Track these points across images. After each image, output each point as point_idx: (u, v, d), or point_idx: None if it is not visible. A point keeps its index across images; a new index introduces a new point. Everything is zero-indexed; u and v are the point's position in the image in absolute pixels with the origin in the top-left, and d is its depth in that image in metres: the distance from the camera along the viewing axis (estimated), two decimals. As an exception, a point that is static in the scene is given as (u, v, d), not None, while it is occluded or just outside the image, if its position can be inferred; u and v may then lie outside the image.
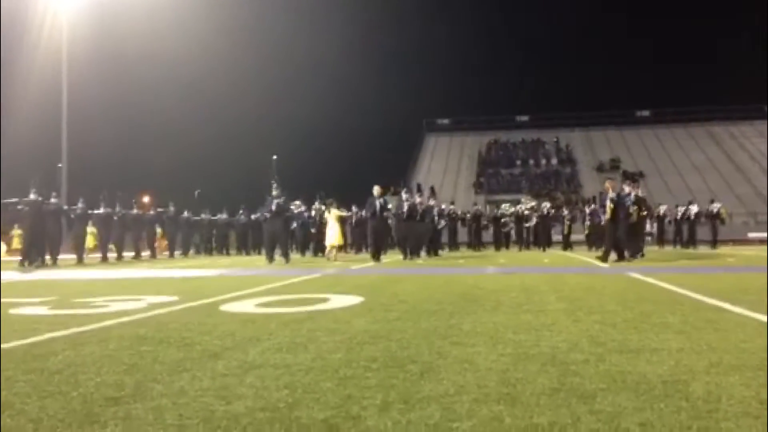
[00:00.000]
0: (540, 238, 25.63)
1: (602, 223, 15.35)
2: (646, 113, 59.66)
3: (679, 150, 53.29)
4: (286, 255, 16.40)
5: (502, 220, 27.25)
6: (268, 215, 16.52)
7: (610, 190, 14.72)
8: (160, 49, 54.95)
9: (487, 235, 28.31)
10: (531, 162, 54.70)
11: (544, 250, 24.01)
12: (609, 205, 14.53)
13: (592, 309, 5.12)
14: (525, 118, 61.14)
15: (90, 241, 24.12)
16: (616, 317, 4.62)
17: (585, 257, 16.86)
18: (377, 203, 16.77)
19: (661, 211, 26.74)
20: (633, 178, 18.76)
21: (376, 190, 16.83)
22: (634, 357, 3.16)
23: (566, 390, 2.53)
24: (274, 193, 16.42)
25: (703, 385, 2.59)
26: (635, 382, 2.64)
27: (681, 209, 26.32)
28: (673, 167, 50.18)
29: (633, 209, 14.93)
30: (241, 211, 26.20)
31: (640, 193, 16.38)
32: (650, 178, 47.49)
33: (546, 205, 26.93)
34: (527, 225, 26.41)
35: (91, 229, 22.17)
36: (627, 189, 15.36)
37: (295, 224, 21.10)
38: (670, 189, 43.26)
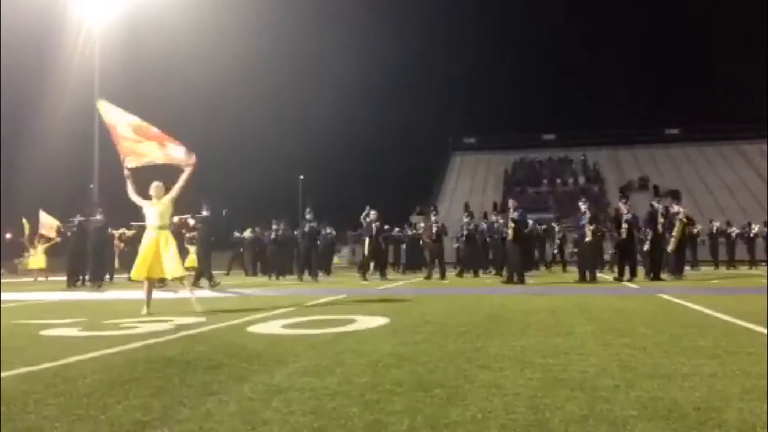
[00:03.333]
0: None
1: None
2: (674, 131, 59.01)
3: (709, 168, 52.58)
4: (314, 274, 17.86)
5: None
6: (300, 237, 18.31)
7: (512, 210, 14.54)
8: (191, 70, 55.86)
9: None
10: (558, 181, 54.37)
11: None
12: (510, 225, 14.41)
13: (622, 332, 5.05)
14: (552, 136, 60.86)
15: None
16: (646, 341, 4.54)
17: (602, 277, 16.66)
18: (374, 226, 17.97)
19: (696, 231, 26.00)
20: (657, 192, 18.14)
21: (373, 214, 18.00)
22: (665, 382, 3.11)
23: (596, 417, 2.49)
24: (308, 216, 18.07)
25: (737, 412, 2.54)
26: (667, 409, 2.59)
27: (735, 228, 25.66)
28: (704, 186, 49.50)
29: (588, 228, 14.47)
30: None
31: (677, 210, 15.78)
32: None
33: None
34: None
35: None
36: (583, 208, 14.94)
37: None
38: (700, 208, 42.64)
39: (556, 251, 24.51)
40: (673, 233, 15.32)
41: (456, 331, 5.27)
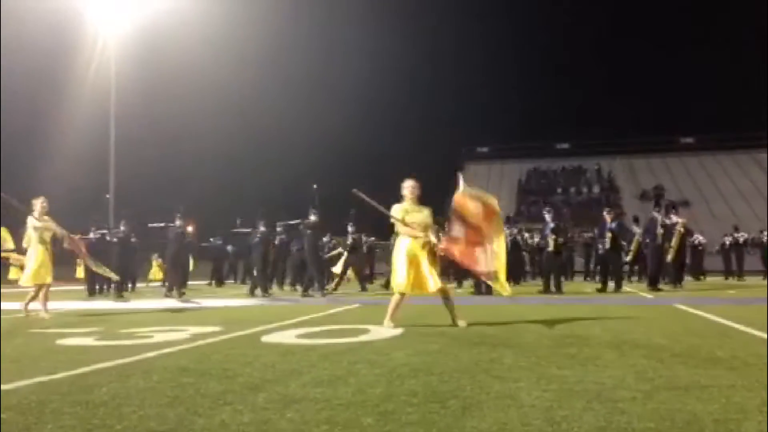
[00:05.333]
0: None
1: None
2: (689, 140, 58.63)
3: (725, 177, 52.21)
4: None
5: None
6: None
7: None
8: (207, 80, 56.10)
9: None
10: (572, 190, 54.16)
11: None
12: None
13: (638, 342, 5.01)
14: (565, 145, 60.62)
15: (156, 273, 24.51)
16: (663, 352, 4.50)
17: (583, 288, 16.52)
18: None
19: (698, 241, 25.66)
20: (656, 200, 17.85)
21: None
22: (683, 394, 3.08)
23: (613, 429, 2.47)
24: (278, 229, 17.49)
25: (756, 425, 2.51)
26: (685, 422, 2.57)
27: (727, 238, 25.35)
28: (719, 194, 49.16)
29: (551, 238, 14.25)
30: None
31: (674, 220, 15.69)
32: (695, 205, 46.64)
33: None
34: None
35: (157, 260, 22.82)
36: (548, 217, 14.70)
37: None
38: (715, 216, 42.37)
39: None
40: (672, 244, 15.37)
41: (470, 341, 5.25)
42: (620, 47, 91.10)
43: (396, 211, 6.73)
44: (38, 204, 9.14)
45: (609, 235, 14.51)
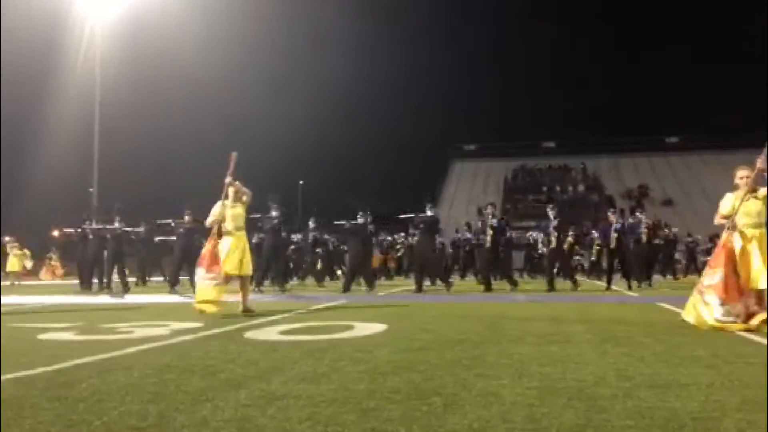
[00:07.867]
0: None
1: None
2: (674, 139, 59.06)
3: (709, 177, 52.63)
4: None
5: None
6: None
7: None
8: (194, 72, 55.92)
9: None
10: (557, 188, 54.42)
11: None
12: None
13: (620, 341, 5.04)
14: (551, 144, 60.92)
15: None
16: (644, 350, 4.53)
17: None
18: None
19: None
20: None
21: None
22: (663, 392, 3.09)
23: (593, 426, 2.48)
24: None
25: (735, 423, 2.52)
26: (664, 419, 2.58)
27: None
28: (703, 194, 49.55)
29: (554, 236, 14.52)
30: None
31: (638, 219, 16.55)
32: (679, 205, 47.00)
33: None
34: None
35: None
36: (551, 214, 14.94)
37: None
38: (700, 217, 42.68)
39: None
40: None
41: (454, 338, 5.26)
42: (607, 47, 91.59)
43: (726, 201, 6.76)
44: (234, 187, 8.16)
45: (615, 235, 14.70)
